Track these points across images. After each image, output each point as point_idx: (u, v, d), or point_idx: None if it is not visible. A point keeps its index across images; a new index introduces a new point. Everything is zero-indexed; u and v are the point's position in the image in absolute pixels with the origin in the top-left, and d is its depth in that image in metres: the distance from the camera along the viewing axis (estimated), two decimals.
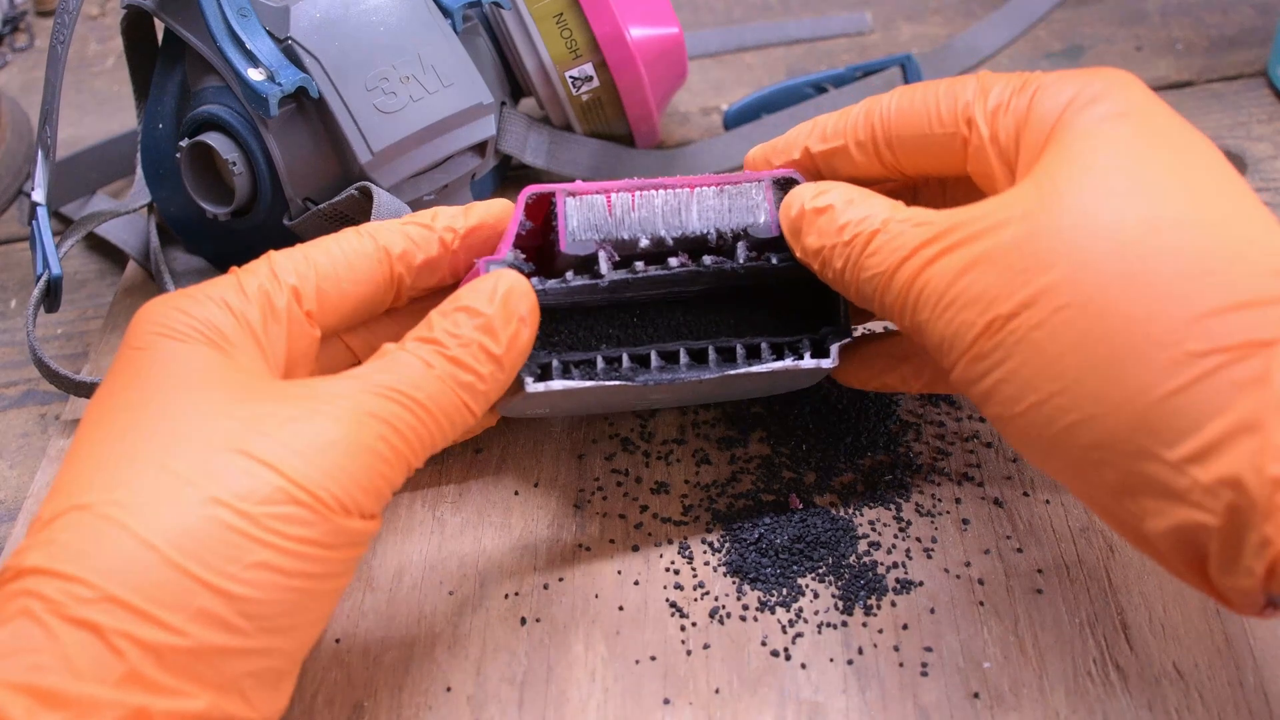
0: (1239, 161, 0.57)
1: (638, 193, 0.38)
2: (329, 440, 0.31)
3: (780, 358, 0.39)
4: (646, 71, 0.52)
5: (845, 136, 0.39)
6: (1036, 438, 0.31)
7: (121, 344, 0.34)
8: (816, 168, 0.40)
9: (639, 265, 0.38)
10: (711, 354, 0.39)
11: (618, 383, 0.38)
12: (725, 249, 0.38)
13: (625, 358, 0.39)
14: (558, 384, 0.37)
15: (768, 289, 0.40)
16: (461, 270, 0.40)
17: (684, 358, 0.39)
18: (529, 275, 0.37)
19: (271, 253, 0.36)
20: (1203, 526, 0.28)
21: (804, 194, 0.37)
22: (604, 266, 0.37)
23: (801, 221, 0.37)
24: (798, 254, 0.38)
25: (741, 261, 0.38)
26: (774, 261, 0.38)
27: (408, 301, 0.40)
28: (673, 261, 0.38)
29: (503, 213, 0.40)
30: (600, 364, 0.38)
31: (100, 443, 0.31)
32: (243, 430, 0.31)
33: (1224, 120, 0.60)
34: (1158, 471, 0.28)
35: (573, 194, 0.38)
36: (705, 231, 0.38)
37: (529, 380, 0.37)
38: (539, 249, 0.39)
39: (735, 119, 0.61)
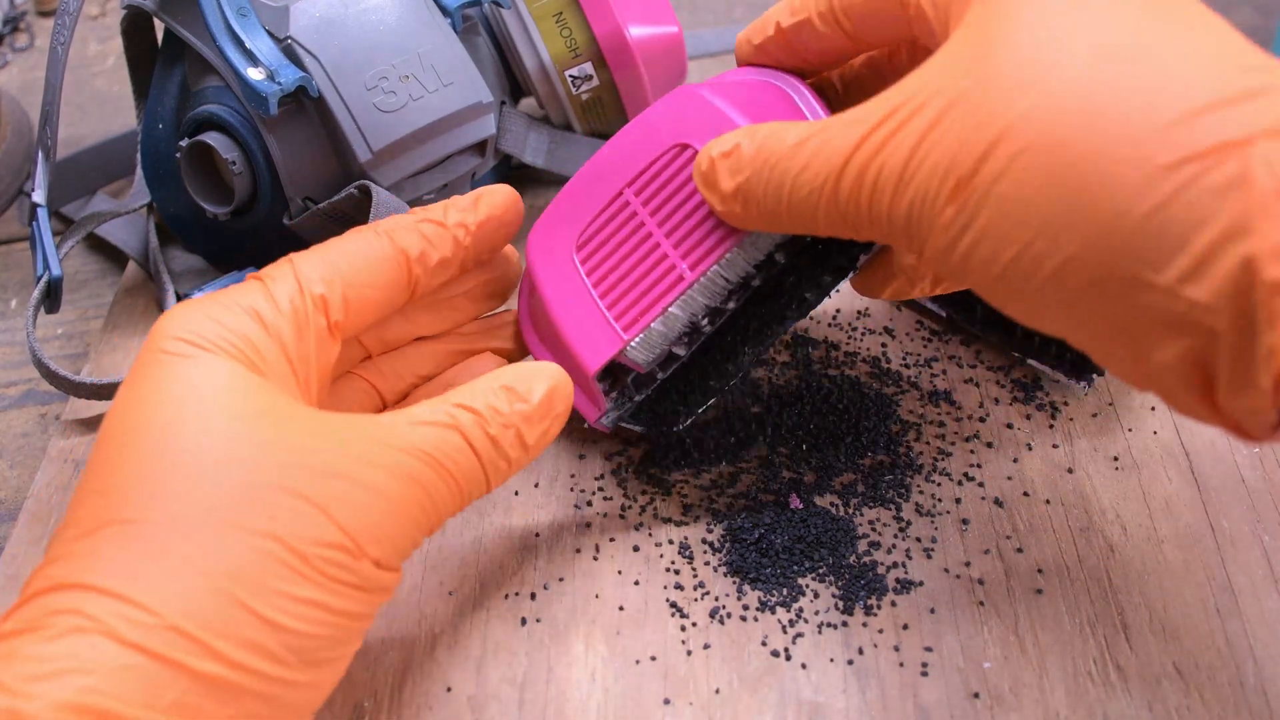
0: None
1: (678, 295, 0.39)
2: (377, 495, 0.31)
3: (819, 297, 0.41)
4: (646, 71, 0.52)
5: (809, 9, 0.38)
6: (1024, 292, 0.29)
7: (145, 347, 0.33)
8: (790, 46, 0.40)
9: (704, 323, 0.40)
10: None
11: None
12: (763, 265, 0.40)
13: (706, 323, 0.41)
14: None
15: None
16: (472, 264, 0.41)
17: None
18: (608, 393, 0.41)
19: (294, 257, 0.36)
20: (1206, 348, 0.26)
21: (709, 148, 0.37)
22: (681, 351, 0.40)
23: (712, 171, 0.36)
24: (717, 206, 0.37)
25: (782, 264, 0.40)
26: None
27: (419, 301, 0.40)
28: (730, 305, 0.40)
29: (508, 200, 0.41)
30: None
31: (137, 452, 0.30)
32: (293, 468, 0.31)
33: None
34: (1152, 300, 0.26)
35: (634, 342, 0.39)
36: (746, 275, 0.39)
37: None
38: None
39: None
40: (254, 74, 0.45)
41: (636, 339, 0.39)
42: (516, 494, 0.44)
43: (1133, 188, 0.26)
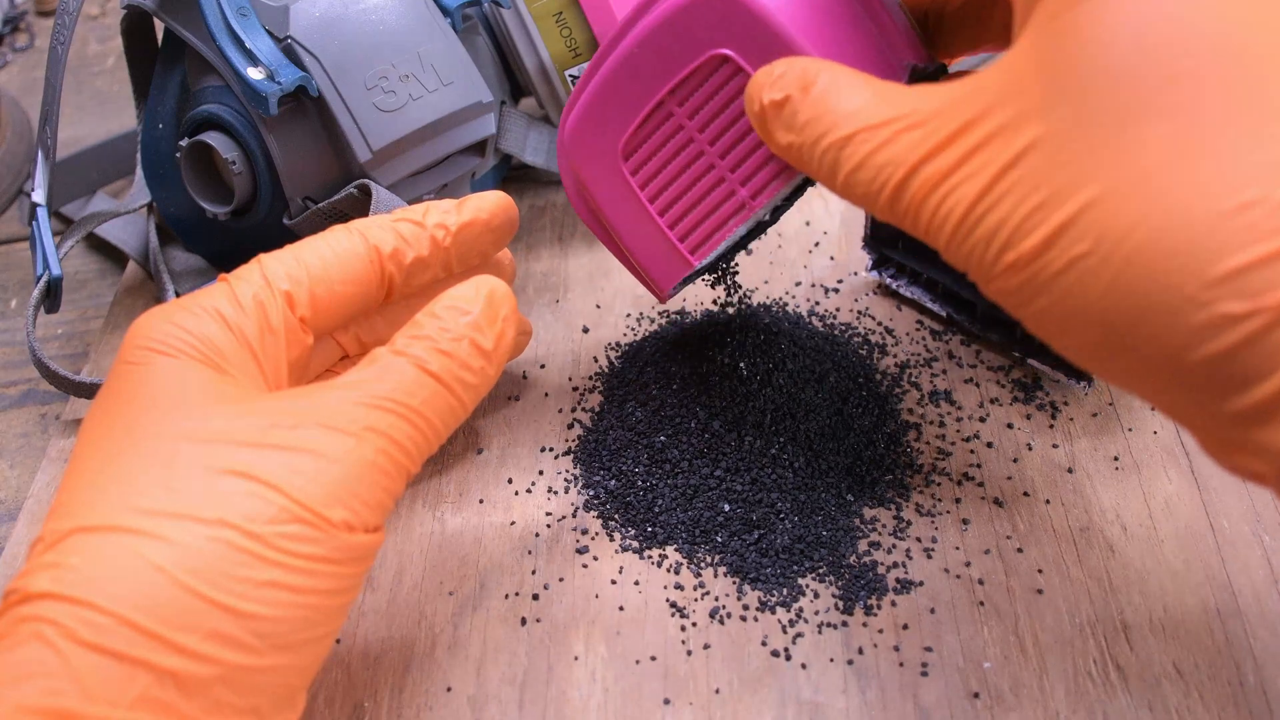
0: None
1: (742, 222, 0.39)
2: (330, 459, 0.31)
3: None
4: None
5: None
6: (1092, 364, 0.27)
7: (116, 359, 0.34)
8: None
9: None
10: None
11: None
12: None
13: None
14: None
15: None
16: (454, 266, 0.40)
17: None
18: None
19: (262, 256, 0.36)
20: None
21: (760, 81, 0.34)
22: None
23: (765, 119, 0.34)
24: (772, 148, 0.34)
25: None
26: None
27: (399, 299, 0.40)
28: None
29: (497, 206, 0.40)
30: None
31: (100, 462, 0.31)
32: (244, 451, 0.31)
33: None
34: (1219, 411, 0.25)
35: None
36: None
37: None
38: None
39: None
40: (254, 74, 0.45)
41: (704, 261, 0.40)
42: (517, 494, 0.44)
43: (1192, 331, 0.24)
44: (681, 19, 0.36)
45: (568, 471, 0.45)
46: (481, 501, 0.44)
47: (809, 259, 0.54)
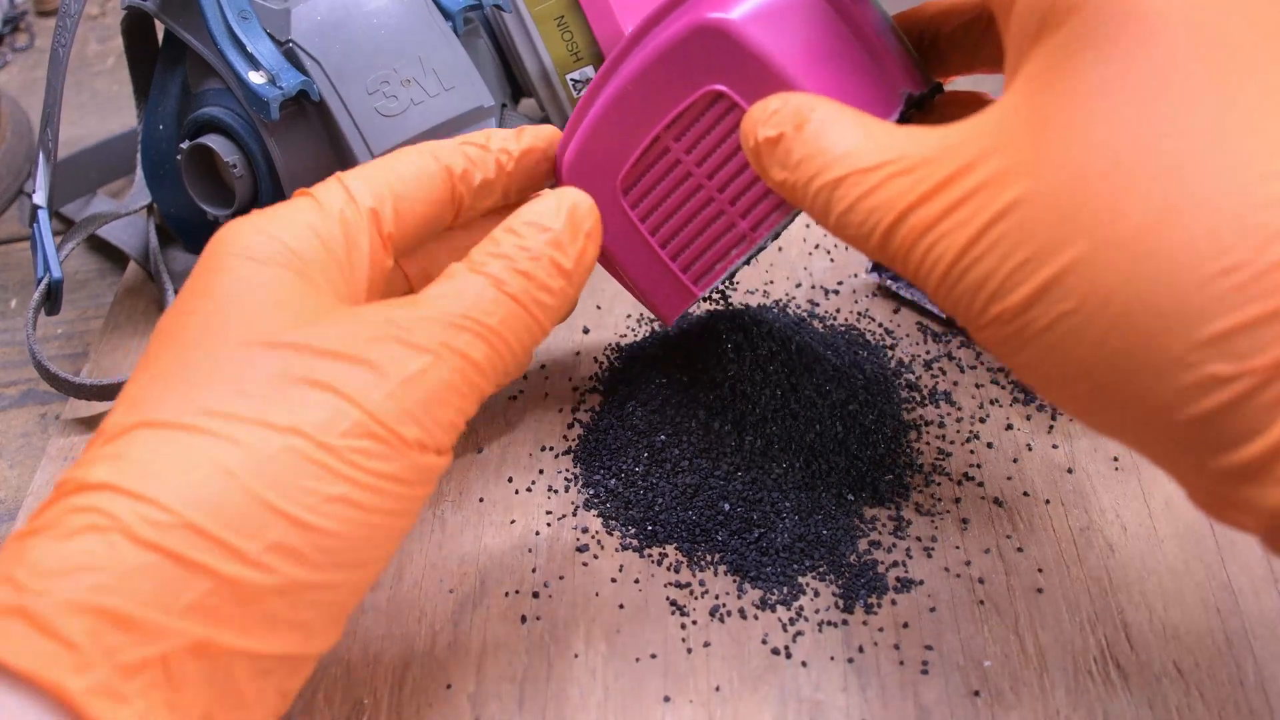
0: None
1: (743, 253, 0.39)
2: (408, 376, 0.30)
3: None
4: None
5: None
6: (1078, 415, 0.28)
7: (196, 266, 0.33)
8: None
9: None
10: None
11: None
12: None
13: None
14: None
15: None
16: (514, 193, 0.40)
17: None
18: None
19: (341, 175, 0.35)
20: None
21: (755, 116, 0.34)
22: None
23: (759, 155, 0.34)
24: (766, 182, 0.34)
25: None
26: None
27: (461, 225, 0.39)
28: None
29: (551, 137, 0.40)
30: None
31: (172, 361, 0.30)
32: (322, 361, 0.30)
33: None
34: (1212, 467, 0.25)
35: None
36: None
37: None
38: None
39: None
40: (255, 78, 0.45)
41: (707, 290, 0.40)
42: (517, 492, 0.44)
43: (1179, 391, 0.24)
44: (675, 55, 0.36)
45: (568, 471, 0.45)
46: (481, 500, 0.44)
47: (809, 261, 0.54)
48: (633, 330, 0.51)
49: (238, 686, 0.28)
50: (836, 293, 0.52)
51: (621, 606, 0.40)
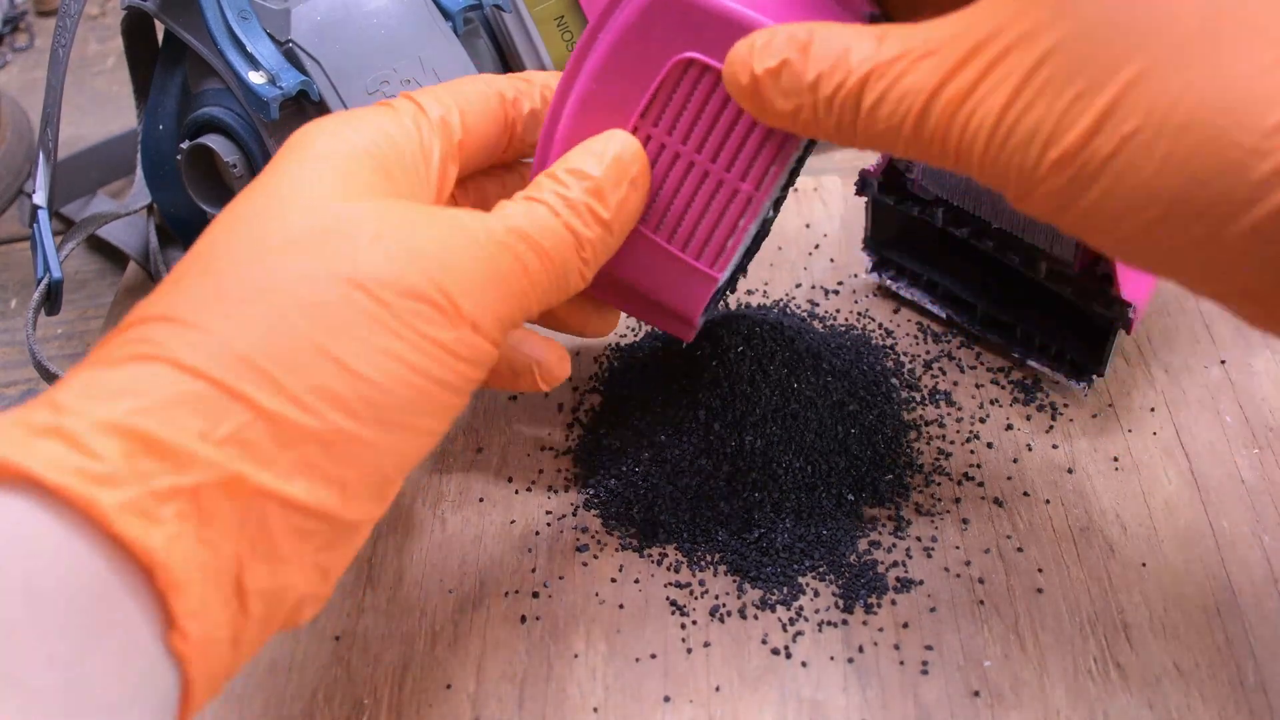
0: None
1: (752, 218, 0.38)
2: (471, 256, 0.31)
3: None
4: None
5: None
6: (1149, 253, 0.27)
7: (278, 154, 0.33)
8: None
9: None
10: None
11: None
12: None
13: None
14: None
15: None
16: None
17: None
18: None
19: (406, 93, 0.36)
20: None
21: (743, 55, 0.33)
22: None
23: (759, 90, 0.33)
24: (768, 122, 0.34)
25: None
26: None
27: (515, 158, 0.40)
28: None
29: None
30: None
31: (240, 216, 0.30)
32: (391, 225, 0.30)
33: None
34: None
35: None
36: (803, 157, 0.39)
37: None
38: None
39: None
40: (255, 77, 0.45)
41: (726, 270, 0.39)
42: (517, 493, 0.44)
43: (1254, 186, 0.24)
44: (634, 38, 0.36)
45: (568, 471, 0.45)
46: (481, 500, 0.44)
47: (809, 261, 0.54)
48: (633, 330, 0.51)
49: (271, 536, 0.27)
50: (836, 293, 0.52)
51: (621, 606, 0.40)
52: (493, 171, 0.40)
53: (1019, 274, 0.45)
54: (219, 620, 0.26)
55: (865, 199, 0.49)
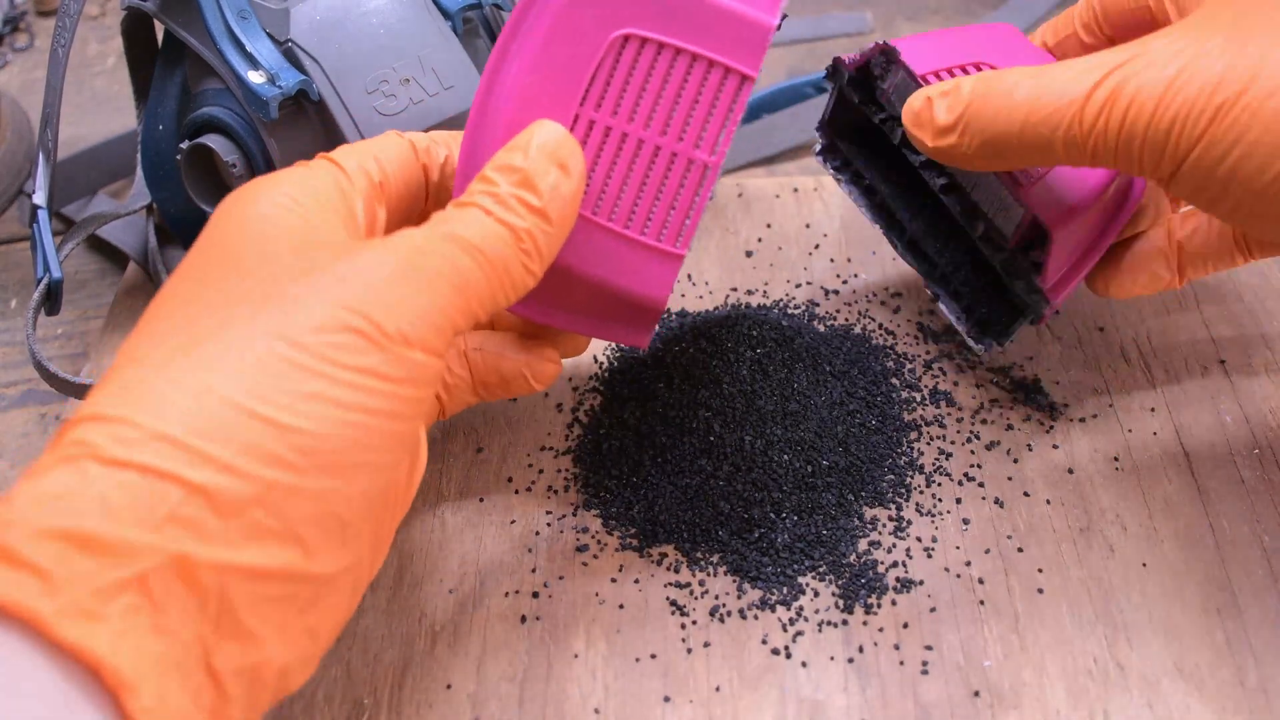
0: None
1: (711, 184, 0.38)
2: (386, 269, 0.30)
3: None
4: None
5: (1074, 23, 0.45)
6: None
7: (205, 227, 0.33)
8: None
9: None
10: None
11: None
12: None
13: None
14: None
15: None
16: None
17: None
18: None
19: (320, 154, 0.36)
20: None
21: (924, 91, 0.39)
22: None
23: (927, 108, 0.39)
24: (925, 143, 0.39)
25: None
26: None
27: (437, 208, 0.39)
28: None
29: None
30: None
31: (163, 303, 0.30)
32: (306, 266, 0.30)
33: None
34: None
35: None
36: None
37: None
38: None
39: None
40: (254, 77, 0.45)
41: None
42: (517, 493, 0.44)
43: None
44: (563, 24, 0.36)
45: (568, 471, 0.45)
46: (481, 500, 0.44)
47: (809, 261, 0.54)
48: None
49: (235, 611, 0.27)
50: (837, 293, 0.52)
51: (621, 606, 0.40)
52: (417, 223, 0.40)
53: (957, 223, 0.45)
54: (183, 711, 0.26)
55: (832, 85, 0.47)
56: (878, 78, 0.44)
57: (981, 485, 0.44)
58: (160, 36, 0.52)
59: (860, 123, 0.47)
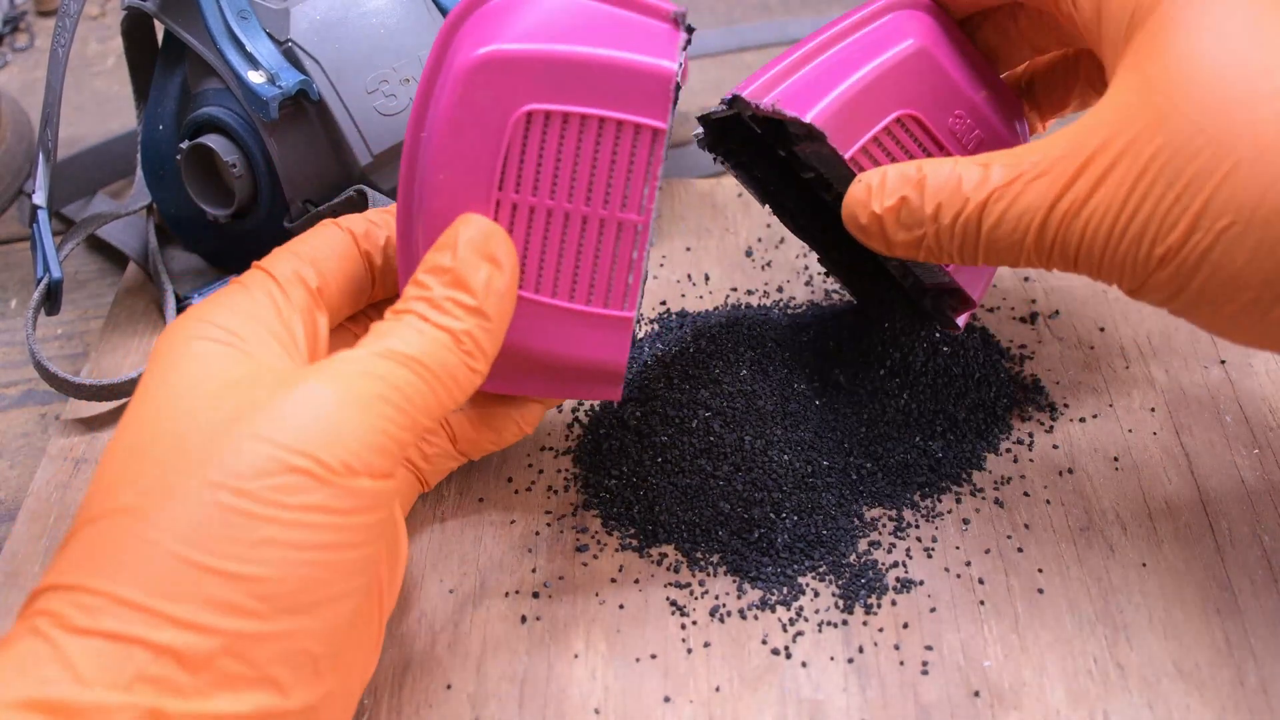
0: None
1: (645, 243, 0.37)
2: (323, 401, 0.30)
3: None
4: None
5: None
6: (1248, 330, 0.33)
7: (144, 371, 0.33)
8: None
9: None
10: None
11: None
12: None
13: None
14: None
15: None
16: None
17: None
18: None
19: (255, 263, 0.36)
20: None
21: (861, 197, 0.37)
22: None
23: (879, 225, 0.37)
24: (880, 250, 0.38)
25: None
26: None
27: (386, 295, 0.39)
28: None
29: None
30: None
31: (112, 455, 0.31)
32: (240, 410, 0.30)
33: None
34: None
35: None
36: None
37: None
38: None
39: None
40: (254, 77, 0.45)
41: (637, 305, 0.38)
42: (517, 493, 0.44)
43: None
44: (463, 114, 0.35)
45: (568, 471, 0.45)
46: (481, 500, 0.44)
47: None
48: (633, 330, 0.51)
49: None
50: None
51: (621, 607, 0.40)
52: (369, 313, 0.40)
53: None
54: None
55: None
56: (794, 134, 0.41)
57: (981, 485, 0.44)
58: (160, 36, 0.52)
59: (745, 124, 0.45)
